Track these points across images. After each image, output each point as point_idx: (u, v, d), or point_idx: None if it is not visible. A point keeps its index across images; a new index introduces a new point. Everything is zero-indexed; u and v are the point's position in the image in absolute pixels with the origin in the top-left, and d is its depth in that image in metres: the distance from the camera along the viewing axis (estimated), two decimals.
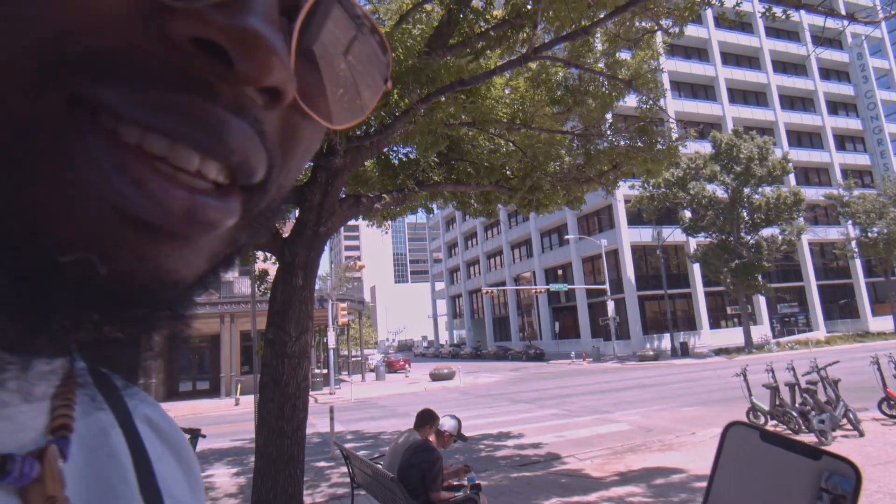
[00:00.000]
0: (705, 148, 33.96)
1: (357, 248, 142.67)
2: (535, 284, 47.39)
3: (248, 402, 19.52)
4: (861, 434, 8.05)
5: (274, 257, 5.27)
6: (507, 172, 6.70)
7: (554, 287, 36.92)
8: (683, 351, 31.58)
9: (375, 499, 5.48)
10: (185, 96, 0.23)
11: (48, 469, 0.27)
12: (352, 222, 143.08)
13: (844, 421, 8.20)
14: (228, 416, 18.33)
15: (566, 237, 41.53)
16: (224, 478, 9.19)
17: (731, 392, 12.44)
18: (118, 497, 0.31)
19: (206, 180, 0.24)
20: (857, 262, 42.76)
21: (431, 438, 4.92)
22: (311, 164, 5.27)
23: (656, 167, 6.64)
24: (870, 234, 37.00)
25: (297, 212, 5.17)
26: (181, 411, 19.56)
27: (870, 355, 9.68)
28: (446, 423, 4.95)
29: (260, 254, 6.51)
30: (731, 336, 37.12)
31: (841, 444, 7.66)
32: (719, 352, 31.28)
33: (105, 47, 0.21)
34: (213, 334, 27.25)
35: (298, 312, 4.77)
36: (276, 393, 4.66)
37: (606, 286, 36.73)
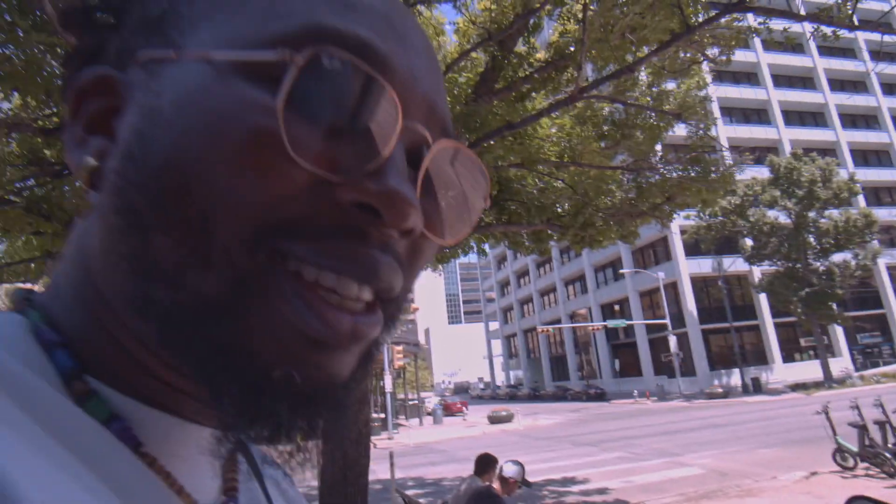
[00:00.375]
0: (763, 173, 32.78)
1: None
2: (592, 321, 46.20)
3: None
4: None
5: None
6: (558, 210, 6.68)
7: (612, 323, 35.91)
8: (755, 387, 29.78)
9: None
10: (348, 242, 0.31)
11: None
12: None
13: None
14: None
15: (621, 271, 40.55)
16: None
17: (812, 431, 11.59)
18: None
19: (361, 301, 0.32)
20: None
21: (496, 485, 4.80)
22: None
23: (712, 196, 6.47)
24: None
25: None
26: None
27: None
28: (509, 470, 4.83)
29: None
30: (808, 370, 34.76)
31: None
32: (795, 387, 29.33)
33: (295, 215, 0.30)
34: None
35: None
36: (337, 438, 4.69)
37: (667, 321, 35.39)
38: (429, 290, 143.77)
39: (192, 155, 0.29)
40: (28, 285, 6.52)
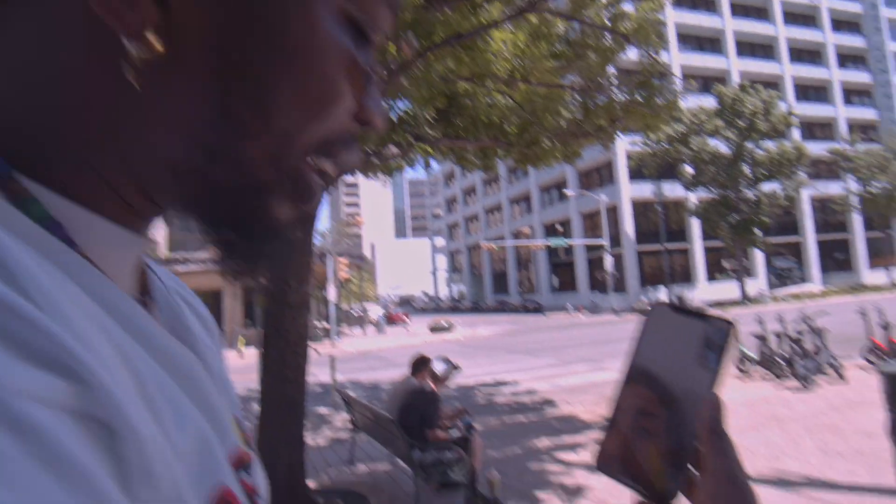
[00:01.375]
0: (710, 102, 33.41)
1: (357, 204, 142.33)
2: (535, 240, 47.55)
3: (252, 354, 19.94)
4: (842, 379, 8.35)
5: None
6: (506, 127, 6.70)
7: (553, 242, 37.08)
8: (679, 303, 31.93)
9: (375, 440, 5.78)
10: (351, 145, 0.39)
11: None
12: (351, 179, 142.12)
13: (828, 367, 8.48)
14: (233, 368, 18.65)
15: (566, 192, 41.38)
16: None
17: None
18: (188, 331, 0.43)
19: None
20: (857, 216, 42.77)
21: (430, 382, 5.16)
22: None
23: (655, 121, 6.64)
24: (871, 189, 36.91)
25: None
26: None
27: (861, 307, 9.92)
28: (439, 367, 5.18)
29: None
30: (728, 290, 37.54)
31: (822, 389, 7.97)
32: (715, 304, 31.74)
33: (336, 134, 0.37)
34: (215, 290, 27.60)
35: (298, 265, 4.91)
36: (277, 341, 4.85)
37: (605, 241, 36.88)
38: (376, 205, 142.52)
39: (317, 53, 0.34)
40: None
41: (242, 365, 18.78)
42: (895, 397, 3.30)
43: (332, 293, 25.27)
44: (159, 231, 29.27)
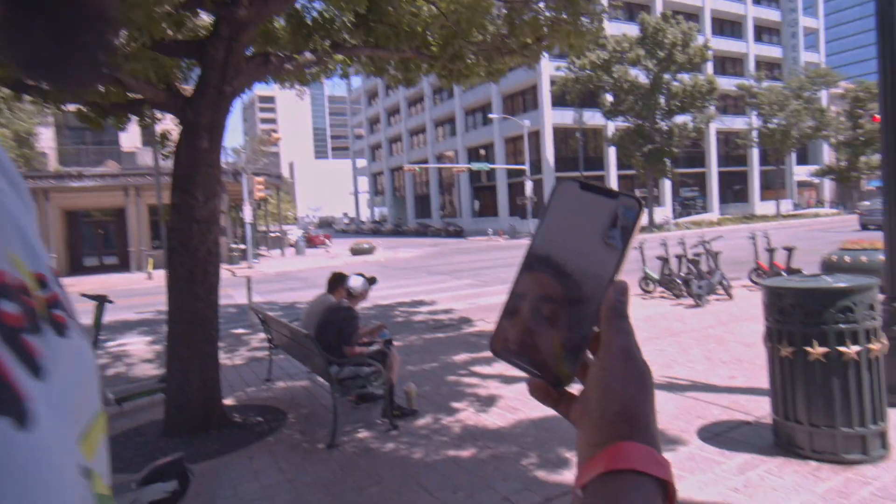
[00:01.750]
0: (633, 31, 33.67)
1: (273, 120, 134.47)
2: (458, 163, 47.45)
3: (162, 276, 19.03)
4: (730, 298, 9.19)
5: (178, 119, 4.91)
6: (429, 38, 6.40)
7: (476, 166, 37.21)
8: None
9: (293, 358, 5.76)
10: None
11: None
12: (267, 92, 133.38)
13: (719, 287, 9.28)
14: (141, 290, 17.93)
15: (490, 116, 41.15)
16: (139, 345, 9.21)
17: (629, 264, 13.56)
18: None
19: None
20: (755, 150, 45.81)
21: (347, 299, 5.12)
22: (213, 15, 4.79)
23: (579, 42, 6.56)
24: (770, 125, 39.42)
25: (199, 69, 4.76)
26: (89, 285, 18.84)
27: (751, 233, 10.78)
28: (355, 283, 5.14)
29: (165, 119, 6.03)
30: None
31: (713, 306, 8.75)
32: None
33: None
34: (118, 207, 25.69)
35: (205, 176, 4.58)
36: (185, 257, 4.59)
37: (527, 167, 37.45)
38: (295, 122, 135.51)
39: None
40: None
41: (152, 286, 17.93)
42: (772, 308, 3.63)
43: (247, 213, 24.25)
44: (49, 144, 26.44)
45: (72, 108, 5.85)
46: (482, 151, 47.65)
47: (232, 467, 4.13)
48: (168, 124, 5.86)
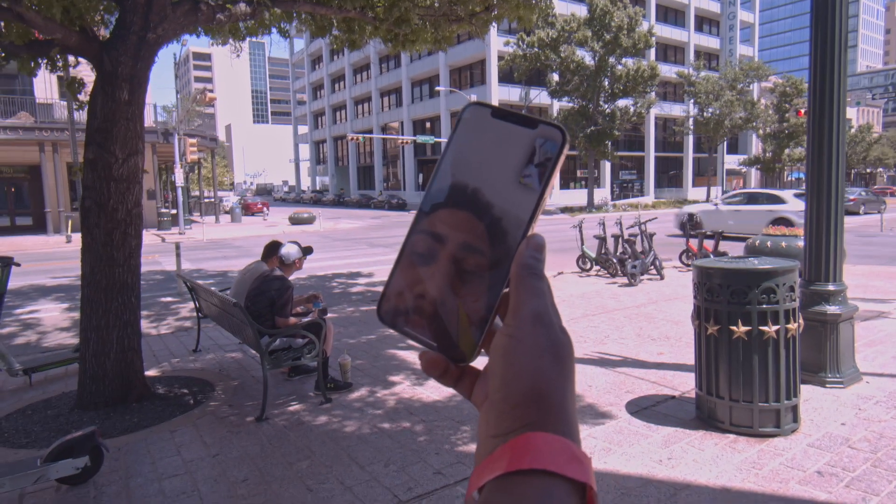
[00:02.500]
0: (582, 12, 33.91)
1: (209, 80, 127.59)
2: (403, 135, 46.79)
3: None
4: (662, 278, 9.55)
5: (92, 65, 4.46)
6: None
7: (421, 139, 36.73)
8: None
9: (223, 328, 5.50)
10: None
11: None
12: (202, 48, 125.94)
13: (652, 268, 9.61)
14: (58, 254, 16.77)
15: (437, 89, 40.67)
16: (54, 313, 8.60)
17: (568, 243, 13.86)
18: None
19: None
20: (690, 138, 47.64)
21: (281, 269, 4.91)
22: None
23: (528, 13, 6.47)
24: (705, 114, 40.99)
25: (118, 13, 4.33)
26: None
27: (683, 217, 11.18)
28: (288, 250, 4.94)
29: (81, 65, 5.49)
30: (578, 196, 40.55)
31: (645, 285, 9.05)
32: (565, 210, 34.28)
33: None
34: (32, 164, 23.77)
35: (125, 131, 4.21)
36: (101, 218, 4.23)
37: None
38: (232, 83, 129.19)
39: None
40: None
41: (71, 250, 16.77)
42: (702, 287, 3.75)
43: (179, 176, 23.02)
44: None
45: None
46: (428, 124, 47.15)
47: (152, 442, 3.91)
48: (85, 71, 5.36)
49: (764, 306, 3.53)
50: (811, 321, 4.41)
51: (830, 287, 4.45)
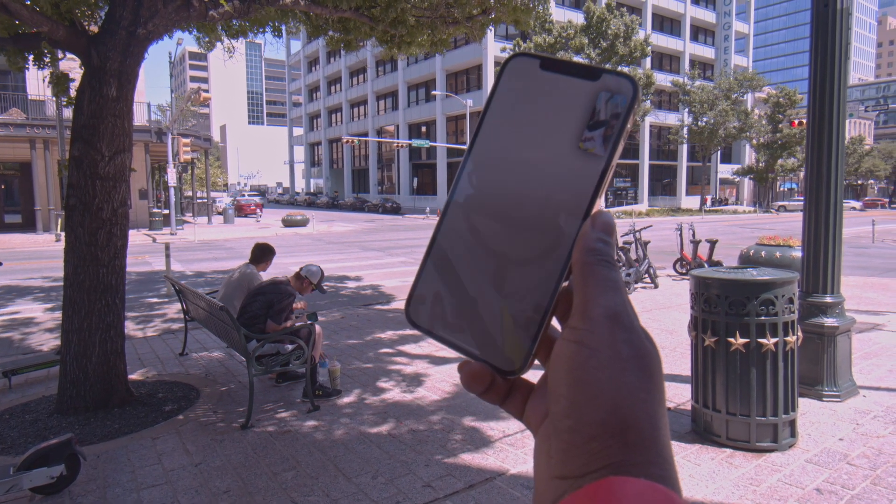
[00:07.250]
0: (579, 19, 34.04)
1: (205, 79, 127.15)
2: (398, 138, 46.73)
3: None
4: (656, 286, 9.49)
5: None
6: None
7: (416, 143, 36.71)
8: None
9: (210, 332, 5.38)
10: None
11: None
12: (197, 49, 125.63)
13: (646, 276, 9.55)
14: (48, 252, 16.55)
15: (434, 93, 40.67)
16: (38, 313, 8.44)
17: None
18: None
19: None
20: (684, 147, 47.83)
21: (292, 280, 4.79)
22: None
23: (525, 17, 6.41)
24: (699, 123, 41.19)
25: (108, 7, 4.23)
26: None
27: (678, 225, 11.16)
28: (309, 270, 4.83)
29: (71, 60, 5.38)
30: None
31: (639, 294, 8.99)
32: None
33: None
34: (23, 161, 23.52)
35: (112, 128, 4.10)
36: (86, 218, 4.12)
37: (467, 146, 37.35)
38: (228, 83, 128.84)
39: None
40: None
41: (60, 249, 16.55)
42: (699, 297, 3.68)
43: (171, 176, 22.82)
44: None
45: None
46: (423, 128, 47.10)
47: (132, 449, 3.78)
48: (73, 67, 5.24)
49: (763, 318, 3.46)
50: (808, 333, 4.34)
51: (828, 299, 4.39)
